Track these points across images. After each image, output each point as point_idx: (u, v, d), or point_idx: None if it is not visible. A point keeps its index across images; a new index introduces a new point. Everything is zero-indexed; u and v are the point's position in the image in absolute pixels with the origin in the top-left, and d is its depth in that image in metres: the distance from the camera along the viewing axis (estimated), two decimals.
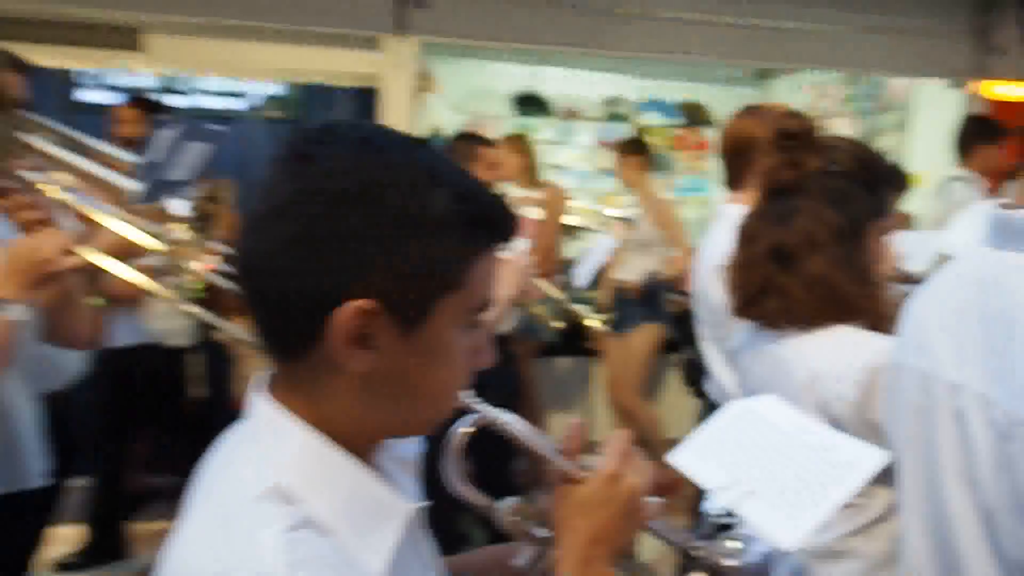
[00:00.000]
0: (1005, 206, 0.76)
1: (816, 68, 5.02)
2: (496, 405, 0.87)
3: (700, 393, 2.65)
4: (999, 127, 4.11)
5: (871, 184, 1.47)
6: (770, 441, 1.14)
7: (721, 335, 1.78)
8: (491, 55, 4.96)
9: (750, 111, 2.18)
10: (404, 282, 0.63)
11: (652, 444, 4.02)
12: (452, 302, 0.66)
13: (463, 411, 0.80)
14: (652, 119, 6.35)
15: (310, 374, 0.65)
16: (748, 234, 1.48)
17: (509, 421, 0.85)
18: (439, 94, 4.85)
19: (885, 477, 1.29)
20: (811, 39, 4.33)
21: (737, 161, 2.12)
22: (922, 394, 0.82)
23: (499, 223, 0.70)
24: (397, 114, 3.66)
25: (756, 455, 1.14)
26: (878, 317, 1.40)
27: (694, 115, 6.45)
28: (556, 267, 3.40)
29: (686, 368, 2.91)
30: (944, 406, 0.78)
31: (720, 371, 2.11)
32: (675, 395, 4.35)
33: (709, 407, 2.15)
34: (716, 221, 2.22)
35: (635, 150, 4.28)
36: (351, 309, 0.61)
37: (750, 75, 6.17)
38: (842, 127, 6.16)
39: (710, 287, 1.89)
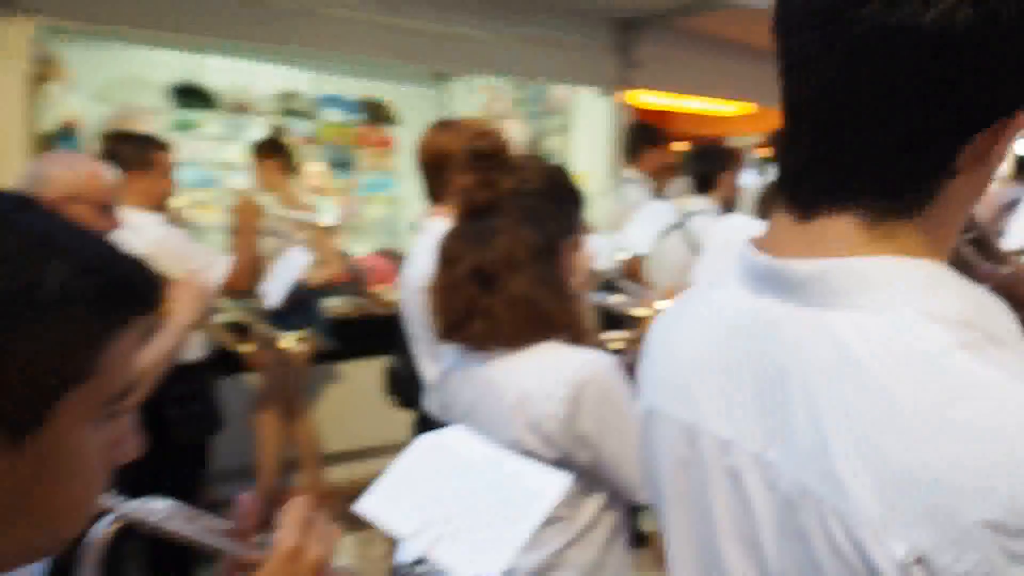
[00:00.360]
0: (760, 244, 0.70)
1: (483, 74, 5.20)
2: (195, 438, 0.71)
3: (407, 403, 2.60)
4: (663, 133, 4.60)
5: (561, 202, 1.52)
6: (459, 476, 1.12)
7: (438, 353, 1.75)
8: (143, 39, 4.39)
9: (444, 125, 2.20)
10: (9, 384, 0.50)
11: (308, 459, 3.88)
12: (80, 397, 0.54)
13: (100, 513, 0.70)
14: (332, 115, 6.17)
15: None
16: (448, 256, 1.47)
17: (160, 515, 0.76)
18: (69, 83, 4.17)
19: (589, 487, 1.37)
20: (480, 46, 4.47)
21: (434, 175, 2.13)
22: (687, 448, 0.74)
23: (137, 292, 0.60)
24: (6, 107, 3.04)
25: (446, 493, 1.11)
26: (579, 331, 1.45)
27: (376, 112, 6.38)
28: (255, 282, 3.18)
29: (389, 377, 2.79)
30: (715, 464, 0.71)
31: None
32: (342, 404, 4.25)
33: (424, 420, 2.15)
34: (419, 235, 2.21)
35: (272, 151, 3.95)
36: None
37: (428, 75, 6.25)
38: (514, 129, 6.52)
39: (420, 308, 1.85)
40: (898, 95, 0.56)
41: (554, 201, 1.50)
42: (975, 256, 0.88)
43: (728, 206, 3.72)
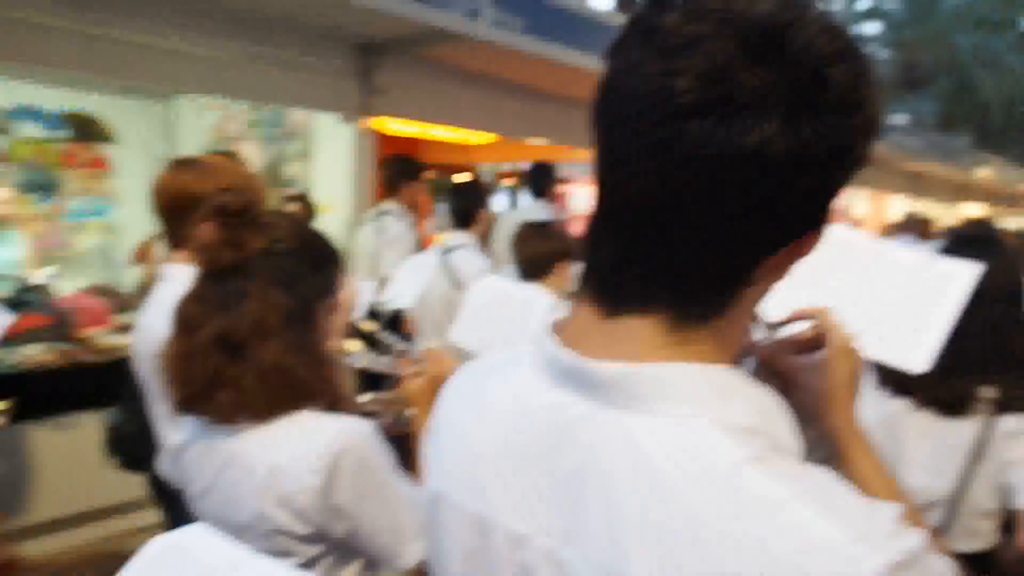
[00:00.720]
0: (561, 333, 0.70)
1: (211, 94, 4.81)
2: None
3: (132, 465, 2.39)
4: (421, 166, 4.56)
5: (316, 262, 1.41)
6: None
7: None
8: None
9: (189, 165, 1.98)
10: None
11: None
12: None
13: None
14: (29, 130, 5.36)
15: None
16: (188, 321, 1.32)
17: None
18: None
19: (344, 558, 1.33)
20: (207, 64, 4.11)
21: (177, 218, 1.93)
22: (479, 539, 0.72)
23: None
24: None
25: None
26: (336, 398, 1.37)
27: (86, 128, 5.66)
28: None
29: (111, 435, 2.42)
30: (507, 558, 0.69)
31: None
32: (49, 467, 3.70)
33: (158, 484, 2.03)
34: (160, 284, 1.99)
35: None
36: None
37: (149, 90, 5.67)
38: (250, 152, 6.13)
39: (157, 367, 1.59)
40: (714, 209, 0.58)
41: (308, 262, 1.39)
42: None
43: (484, 239, 3.82)
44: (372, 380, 1.91)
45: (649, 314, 0.63)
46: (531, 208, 5.05)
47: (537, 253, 2.88)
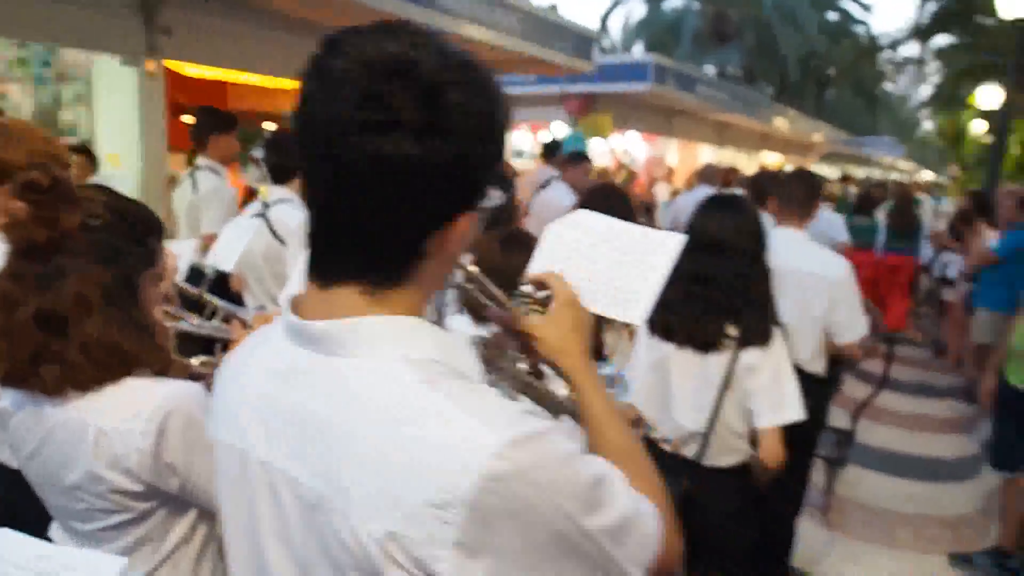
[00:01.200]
0: (295, 306, 0.89)
1: None
2: None
3: None
4: (230, 116, 4.13)
5: (137, 235, 1.43)
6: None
7: None
8: None
9: None
10: None
11: None
12: None
13: None
14: None
15: None
16: (6, 299, 1.34)
17: None
18: None
19: (177, 510, 1.41)
20: None
21: None
22: (239, 467, 0.92)
23: None
24: None
25: None
26: (165, 364, 1.43)
27: None
28: None
29: None
30: (259, 479, 0.89)
31: None
32: None
33: None
34: None
35: None
36: None
37: None
38: (16, 95, 5.39)
39: None
40: (375, 203, 0.77)
41: (128, 235, 1.41)
42: (480, 301, 1.12)
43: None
44: (204, 344, 1.82)
45: (350, 284, 0.83)
46: None
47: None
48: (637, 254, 1.24)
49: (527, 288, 1.12)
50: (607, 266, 1.23)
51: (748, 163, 17.70)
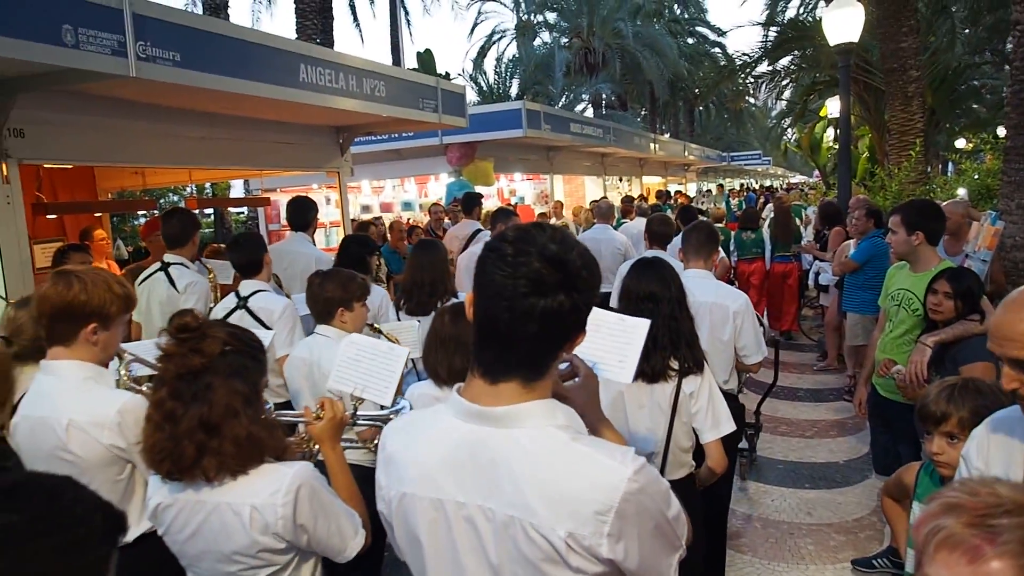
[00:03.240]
0: (467, 396, 1.37)
1: None
2: None
3: None
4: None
5: (254, 353, 1.94)
6: None
7: None
8: None
9: (68, 279, 2.30)
10: None
11: None
12: None
13: None
14: None
15: None
16: (171, 414, 1.79)
17: None
18: None
19: (304, 556, 1.91)
20: None
21: (63, 323, 2.31)
22: (436, 512, 1.34)
23: None
24: None
25: None
26: (284, 447, 1.95)
27: None
28: None
29: None
30: (456, 516, 1.32)
31: None
32: None
33: None
34: (42, 376, 2.35)
35: None
36: None
37: None
38: None
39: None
40: (540, 334, 1.25)
41: (249, 354, 1.91)
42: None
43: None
44: None
45: (512, 381, 1.30)
46: (296, 239, 5.28)
47: (322, 298, 3.26)
48: (620, 334, 1.84)
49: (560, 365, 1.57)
50: (604, 343, 1.81)
51: (632, 188, 18.33)
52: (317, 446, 2.20)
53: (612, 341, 1.82)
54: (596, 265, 1.30)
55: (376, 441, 1.73)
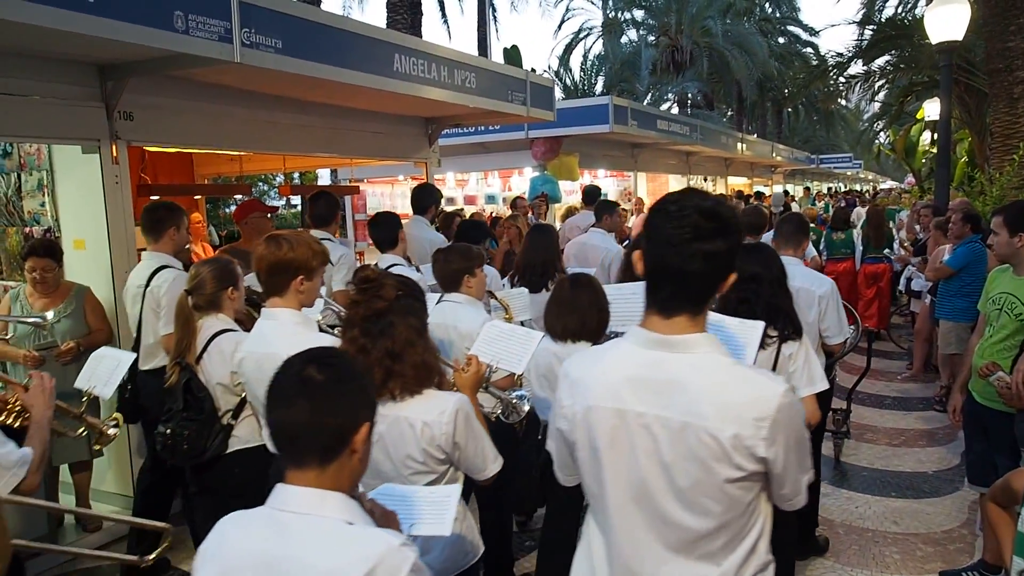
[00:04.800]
0: (643, 326, 1.66)
1: None
2: None
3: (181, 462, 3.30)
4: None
5: (418, 296, 2.44)
6: None
7: None
8: None
9: (279, 240, 2.84)
10: None
11: None
12: None
13: None
14: None
15: None
16: (363, 347, 2.26)
17: None
18: None
19: (455, 470, 2.35)
20: None
21: (277, 277, 2.84)
22: (618, 420, 1.63)
23: None
24: None
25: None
26: (443, 377, 2.41)
27: None
28: None
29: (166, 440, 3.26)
30: (635, 423, 1.61)
31: None
32: None
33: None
34: (265, 321, 2.92)
35: None
36: None
37: None
38: None
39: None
40: (707, 271, 1.55)
41: (415, 296, 2.41)
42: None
43: None
44: None
45: (683, 315, 1.59)
46: (415, 222, 5.81)
47: (446, 273, 3.64)
48: (742, 333, 2.35)
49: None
50: (729, 337, 2.28)
51: (716, 188, 17.98)
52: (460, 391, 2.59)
53: (738, 338, 2.32)
54: (734, 215, 1.61)
55: (506, 393, 2.93)
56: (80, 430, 3.14)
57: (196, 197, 7.95)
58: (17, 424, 2.42)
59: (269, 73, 4.44)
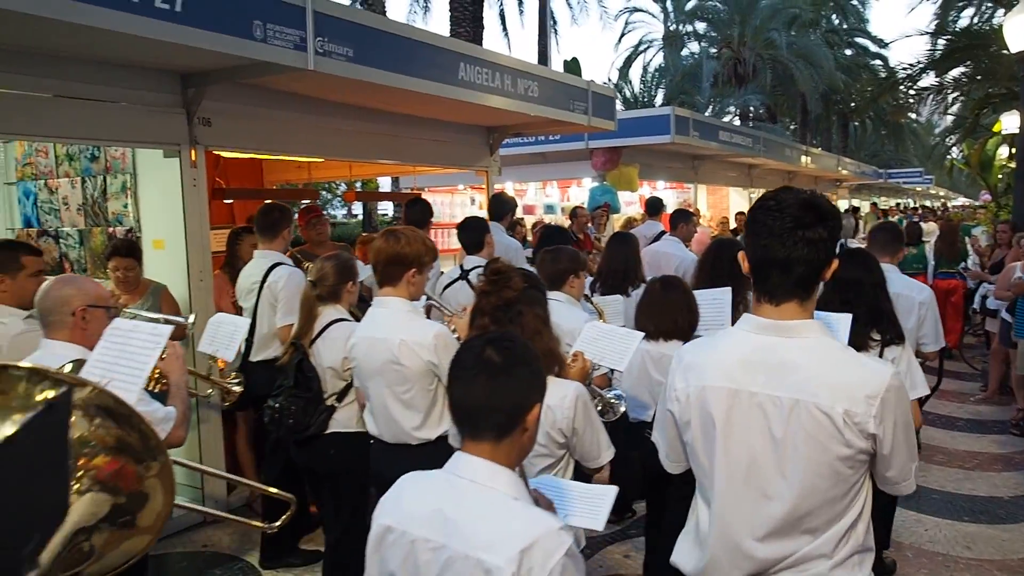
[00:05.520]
0: (755, 313, 1.83)
1: (17, 137, 4.39)
2: None
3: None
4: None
5: (539, 287, 2.64)
6: None
7: None
8: None
9: (395, 235, 3.16)
10: None
11: None
12: None
13: None
14: None
15: None
16: (486, 330, 2.43)
17: None
18: None
19: (569, 455, 2.52)
20: (11, 104, 3.77)
21: (392, 268, 3.11)
22: (731, 400, 1.77)
23: None
24: None
25: None
26: (563, 365, 2.59)
27: None
28: None
29: (274, 416, 3.59)
30: (749, 403, 1.75)
31: None
32: None
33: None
34: (377, 308, 3.16)
35: None
36: None
37: None
38: (66, 189, 5.65)
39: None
40: (808, 259, 1.71)
41: (538, 288, 2.61)
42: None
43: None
44: None
45: (792, 302, 1.74)
46: (493, 228, 5.86)
47: (554, 271, 3.79)
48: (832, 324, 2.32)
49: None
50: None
51: None
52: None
53: (834, 325, 2.38)
54: (835, 207, 1.79)
55: (604, 391, 3.12)
56: (208, 390, 3.61)
57: (266, 201, 8.15)
58: (156, 389, 2.68)
59: (339, 81, 4.55)
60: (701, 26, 33.94)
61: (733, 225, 12.25)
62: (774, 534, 1.71)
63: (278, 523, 2.46)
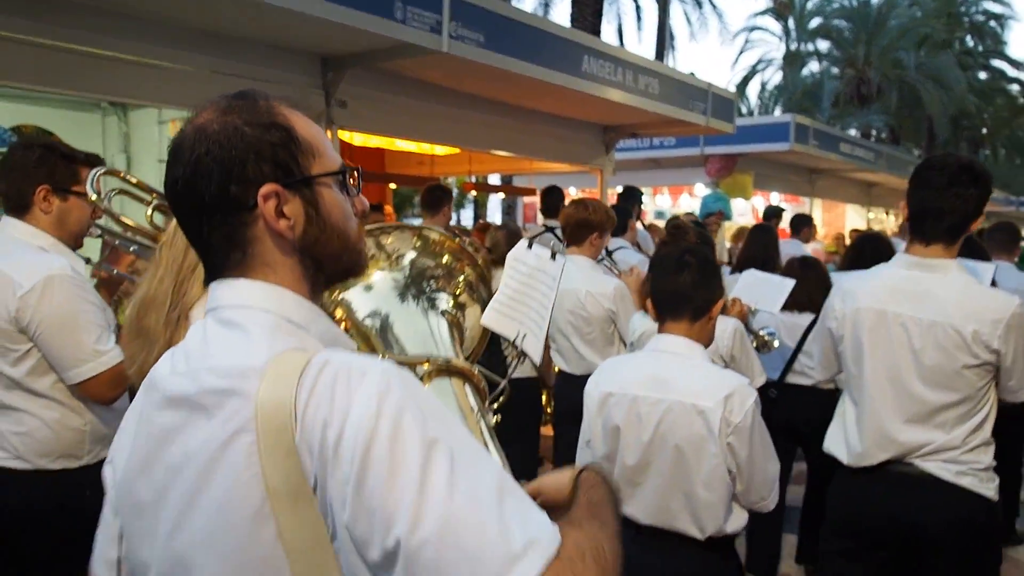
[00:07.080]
0: (908, 251, 2.38)
1: (172, 107, 4.77)
2: None
3: None
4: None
5: (709, 242, 3.44)
6: None
7: None
8: None
9: (583, 203, 3.96)
10: None
11: None
12: None
13: None
14: None
15: None
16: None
17: None
18: None
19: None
20: (167, 78, 4.10)
21: (579, 231, 3.88)
22: (879, 318, 2.25)
23: None
24: None
25: None
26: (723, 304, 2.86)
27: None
28: None
29: None
30: (894, 322, 2.21)
31: None
32: None
33: None
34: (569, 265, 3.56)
35: None
36: None
37: (104, 102, 5.60)
38: None
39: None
40: (959, 211, 2.24)
41: (707, 243, 3.20)
42: None
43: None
44: None
45: (939, 244, 2.26)
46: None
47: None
48: None
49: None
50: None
51: (899, 222, 16.84)
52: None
53: (978, 271, 2.66)
54: (989, 173, 2.25)
55: (760, 330, 3.58)
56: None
57: (392, 186, 8.49)
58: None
59: (468, 67, 4.73)
60: (824, 45, 32.92)
61: (848, 242, 11.80)
62: (913, 421, 2.20)
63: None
